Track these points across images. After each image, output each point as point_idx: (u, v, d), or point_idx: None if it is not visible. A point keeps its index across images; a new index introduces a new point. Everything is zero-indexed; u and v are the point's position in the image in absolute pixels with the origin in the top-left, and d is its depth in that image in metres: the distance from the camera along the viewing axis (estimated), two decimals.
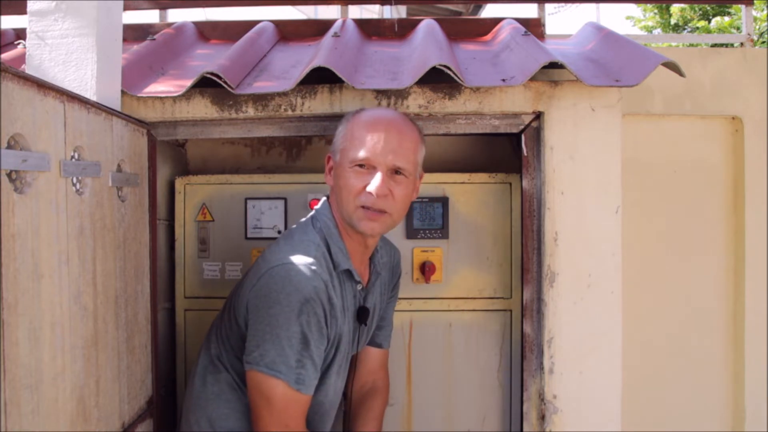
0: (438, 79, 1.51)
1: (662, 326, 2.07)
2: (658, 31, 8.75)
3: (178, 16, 2.38)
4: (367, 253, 1.44)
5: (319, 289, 1.25)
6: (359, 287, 1.41)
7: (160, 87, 1.58)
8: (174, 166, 1.95)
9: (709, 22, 8.15)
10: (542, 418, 1.58)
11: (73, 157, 1.14)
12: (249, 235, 1.82)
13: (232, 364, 1.37)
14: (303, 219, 1.44)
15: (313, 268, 1.26)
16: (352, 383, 1.56)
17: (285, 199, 1.81)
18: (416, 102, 1.56)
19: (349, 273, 1.36)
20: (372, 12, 5.90)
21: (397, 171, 1.32)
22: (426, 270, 1.77)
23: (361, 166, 1.31)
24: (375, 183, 1.30)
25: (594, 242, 1.55)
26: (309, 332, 1.25)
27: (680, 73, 1.51)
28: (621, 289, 1.56)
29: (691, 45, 6.65)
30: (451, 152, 2.04)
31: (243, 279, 1.39)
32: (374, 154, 1.30)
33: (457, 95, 1.56)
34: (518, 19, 2.07)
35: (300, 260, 1.27)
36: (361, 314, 1.42)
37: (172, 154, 1.95)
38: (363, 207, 1.31)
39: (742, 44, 2.25)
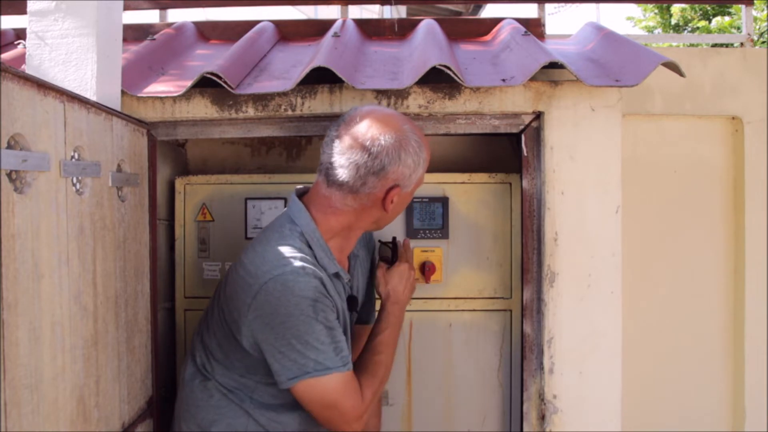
0: (438, 79, 1.52)
1: (662, 326, 2.07)
2: (658, 31, 8.75)
3: (178, 16, 2.38)
4: (353, 242, 1.44)
5: (319, 287, 1.25)
6: (346, 280, 1.41)
7: (160, 87, 1.58)
8: (174, 166, 1.95)
9: (710, 22, 8.16)
10: (542, 418, 1.58)
11: (73, 157, 1.14)
12: (249, 235, 1.82)
13: (220, 375, 1.36)
14: (275, 220, 1.40)
15: (306, 267, 1.25)
16: None
17: (285, 199, 1.81)
18: (416, 102, 1.56)
19: (337, 275, 1.36)
20: (372, 12, 5.90)
21: None
22: (426, 270, 1.77)
23: None
24: None
25: (594, 242, 1.55)
26: (330, 323, 1.26)
27: (680, 73, 1.51)
28: (621, 289, 1.56)
29: (692, 45, 6.65)
30: (451, 152, 2.04)
31: (228, 291, 1.32)
32: None
33: (457, 95, 1.56)
34: (518, 19, 2.07)
35: (289, 265, 1.24)
36: (351, 303, 1.43)
37: (172, 154, 1.95)
38: None
39: (742, 44, 2.25)
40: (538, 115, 1.57)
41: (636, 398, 2.00)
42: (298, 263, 1.25)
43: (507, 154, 2.02)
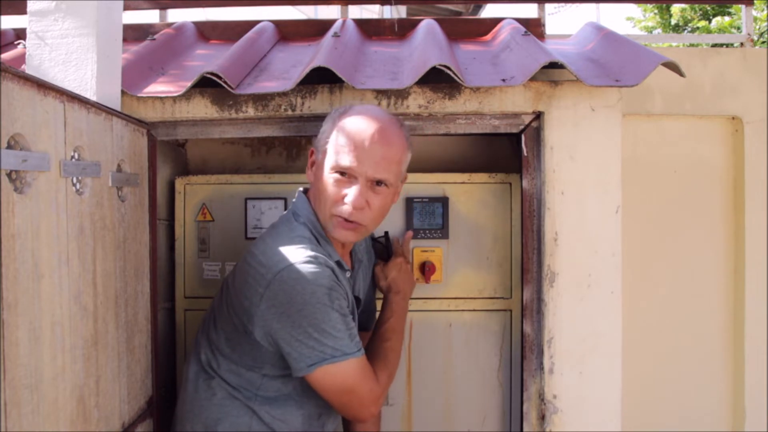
0: (438, 79, 1.52)
1: (662, 326, 2.07)
2: (658, 31, 8.75)
3: (178, 16, 2.38)
4: (349, 245, 1.46)
5: (332, 276, 1.27)
6: (348, 275, 1.41)
7: (160, 87, 1.58)
8: (174, 166, 1.95)
9: (710, 22, 8.16)
10: (542, 418, 1.58)
11: (73, 157, 1.14)
12: (249, 235, 1.82)
13: (226, 371, 1.36)
14: (282, 215, 1.43)
15: (318, 257, 1.27)
16: None
17: (285, 199, 1.81)
18: (416, 102, 1.56)
19: (338, 263, 1.37)
20: (372, 12, 5.90)
21: (378, 182, 1.30)
22: (426, 270, 1.77)
23: (341, 173, 1.29)
24: (352, 196, 1.28)
25: (594, 242, 1.55)
26: (343, 310, 1.28)
27: (680, 73, 1.51)
28: (621, 289, 1.56)
29: (692, 45, 6.66)
30: (451, 152, 2.04)
31: (237, 283, 1.32)
32: (358, 164, 1.27)
33: (457, 95, 1.56)
34: (518, 19, 2.07)
35: (302, 255, 1.26)
36: (355, 303, 1.44)
37: (172, 154, 1.95)
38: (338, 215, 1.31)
39: (742, 44, 2.25)
40: (538, 115, 1.57)
41: (636, 398, 2.00)
42: (310, 253, 1.26)
43: (507, 154, 2.02)
